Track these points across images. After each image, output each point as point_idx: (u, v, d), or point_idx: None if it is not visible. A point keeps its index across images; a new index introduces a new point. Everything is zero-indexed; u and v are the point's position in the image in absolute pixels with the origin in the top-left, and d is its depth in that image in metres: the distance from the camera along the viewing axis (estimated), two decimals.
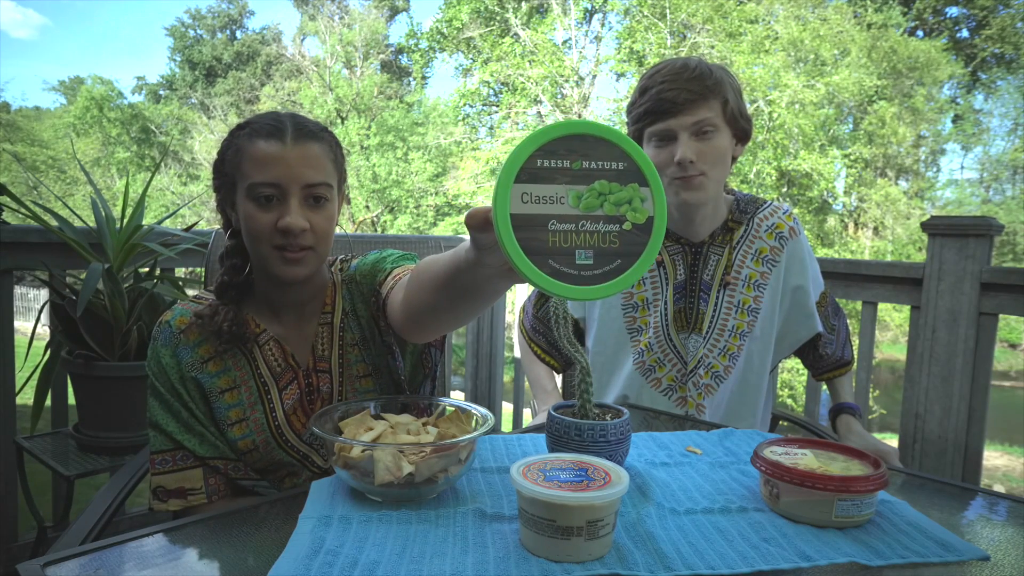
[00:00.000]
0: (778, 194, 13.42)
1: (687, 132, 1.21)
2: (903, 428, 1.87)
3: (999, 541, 0.72)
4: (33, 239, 1.80)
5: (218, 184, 0.96)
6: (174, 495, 0.94)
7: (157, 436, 0.95)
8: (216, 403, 0.95)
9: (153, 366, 0.95)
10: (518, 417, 2.83)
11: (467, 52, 16.73)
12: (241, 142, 0.91)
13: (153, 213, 15.81)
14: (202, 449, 0.95)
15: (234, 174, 0.92)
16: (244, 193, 0.90)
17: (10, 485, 1.83)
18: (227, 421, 0.95)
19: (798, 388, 10.68)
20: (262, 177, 0.88)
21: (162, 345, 0.95)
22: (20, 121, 23.24)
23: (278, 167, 0.88)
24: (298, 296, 0.98)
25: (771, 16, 14.21)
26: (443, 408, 0.86)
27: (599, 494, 0.61)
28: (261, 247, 0.90)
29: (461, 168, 15.40)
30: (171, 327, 0.95)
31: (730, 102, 1.23)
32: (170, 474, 0.94)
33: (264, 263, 0.92)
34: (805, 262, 1.35)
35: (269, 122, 0.91)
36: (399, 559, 0.61)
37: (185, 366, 0.94)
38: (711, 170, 1.24)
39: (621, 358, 1.36)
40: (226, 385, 0.95)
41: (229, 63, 24.89)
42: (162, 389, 0.95)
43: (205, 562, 0.63)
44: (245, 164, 0.89)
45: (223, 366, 0.95)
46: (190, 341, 0.95)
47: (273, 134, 0.89)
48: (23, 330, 2.94)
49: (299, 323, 1.00)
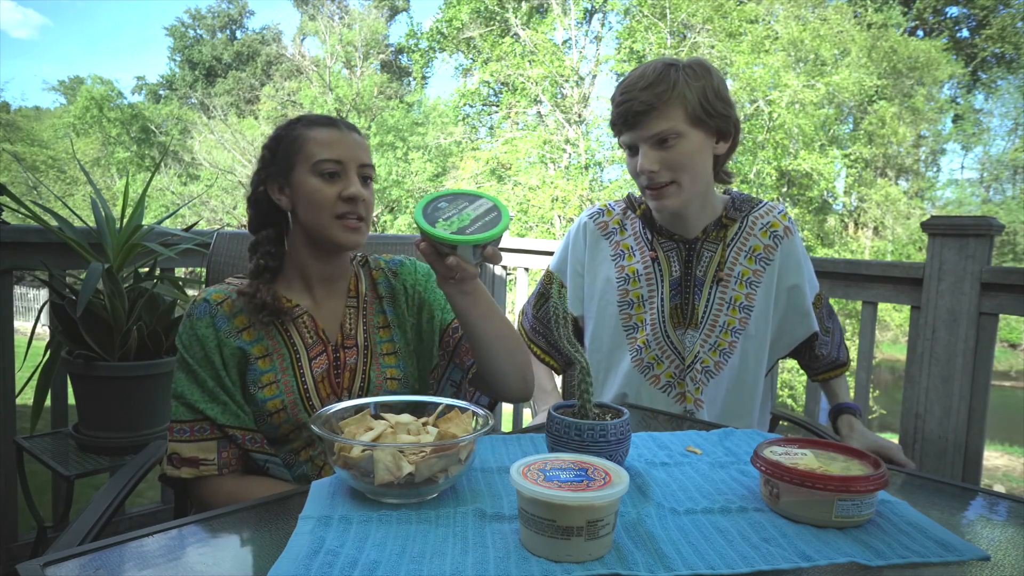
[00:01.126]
0: (778, 194, 13.43)
1: (647, 144, 1.21)
2: (903, 428, 1.87)
3: (999, 541, 0.72)
4: (33, 239, 1.80)
5: (266, 174, 1.06)
6: (187, 463, 0.98)
7: (179, 407, 1.00)
8: (251, 367, 1.02)
9: (185, 339, 1.01)
10: (518, 417, 2.83)
11: (467, 52, 16.74)
12: (298, 131, 1.05)
13: (153, 213, 15.82)
14: (223, 417, 1.00)
15: (292, 157, 1.03)
16: (308, 171, 1.02)
17: (10, 485, 1.83)
18: (259, 384, 1.02)
19: (798, 388, 10.68)
20: (327, 155, 1.02)
21: (198, 317, 1.02)
22: (20, 121, 23.26)
23: (339, 147, 1.03)
24: (333, 271, 1.09)
25: (771, 16, 14.22)
26: (443, 408, 0.86)
27: (599, 494, 0.61)
28: (323, 217, 1.02)
29: (461, 168, 15.40)
30: (208, 302, 1.03)
31: (696, 103, 1.19)
32: (186, 443, 0.99)
33: (324, 232, 1.03)
34: (800, 262, 1.35)
35: (320, 116, 1.07)
36: (399, 559, 0.61)
37: (223, 333, 1.01)
38: (680, 176, 1.23)
39: (618, 355, 1.36)
40: (260, 353, 1.03)
41: (229, 63, 24.90)
42: (191, 360, 1.00)
43: (205, 562, 0.63)
44: (308, 146, 1.03)
45: (257, 336, 1.03)
46: (227, 312, 1.03)
47: (328, 124, 1.06)
48: (23, 330, 2.94)
49: (328, 300, 1.10)
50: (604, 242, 1.40)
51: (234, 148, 18.11)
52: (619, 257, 1.37)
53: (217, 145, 18.27)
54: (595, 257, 1.40)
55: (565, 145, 14.70)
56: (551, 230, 13.30)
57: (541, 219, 13.48)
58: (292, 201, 1.05)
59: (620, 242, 1.38)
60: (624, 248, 1.38)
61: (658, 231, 1.35)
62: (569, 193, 13.04)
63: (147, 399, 1.72)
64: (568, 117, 14.78)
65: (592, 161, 14.57)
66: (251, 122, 19.90)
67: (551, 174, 14.06)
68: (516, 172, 14.47)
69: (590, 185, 13.67)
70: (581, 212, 1.79)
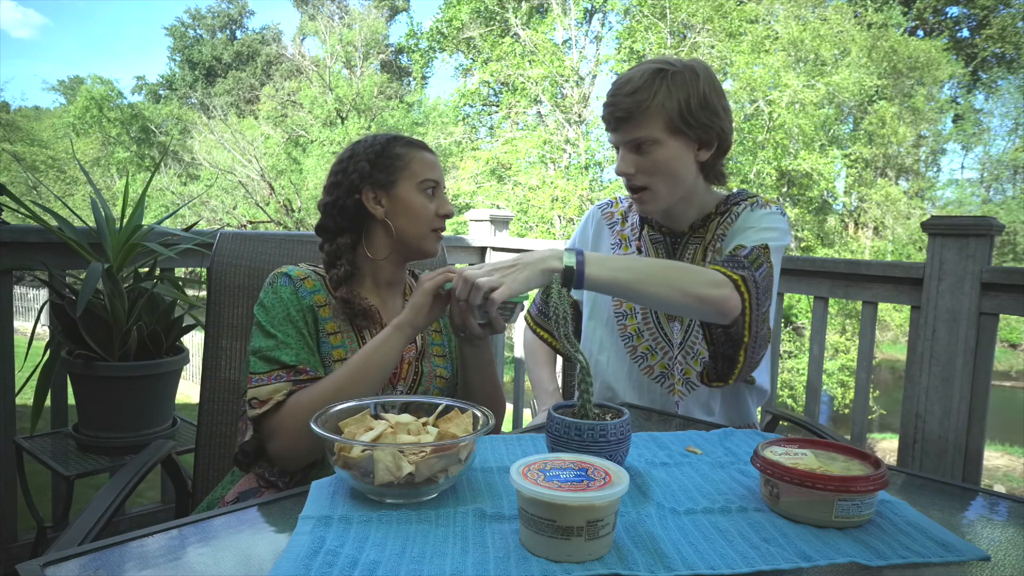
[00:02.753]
0: (778, 194, 13.42)
1: (625, 148, 1.25)
2: (903, 428, 1.87)
3: (999, 541, 0.72)
4: (33, 239, 1.80)
5: (365, 183, 1.15)
6: (263, 404, 1.03)
7: (256, 361, 1.06)
8: (323, 339, 1.11)
9: (267, 301, 1.09)
10: (518, 417, 2.83)
11: (467, 52, 16.72)
12: (400, 150, 1.17)
13: (153, 213, 15.81)
14: (297, 359, 1.06)
15: (396, 173, 1.15)
16: (414, 187, 1.15)
17: (10, 485, 1.83)
18: (331, 357, 1.10)
19: (798, 388, 10.67)
20: (431, 175, 1.16)
21: (282, 285, 1.10)
22: (20, 121, 23.25)
23: (437, 170, 1.18)
24: (399, 276, 1.22)
25: (771, 16, 14.21)
26: (443, 408, 0.86)
27: (599, 494, 0.61)
28: (422, 228, 1.16)
29: (461, 168, 15.38)
30: (291, 276, 1.12)
31: (670, 115, 1.20)
32: (263, 387, 1.04)
33: (420, 241, 1.17)
34: (752, 227, 1.26)
35: (415, 139, 1.21)
36: (399, 559, 0.61)
37: (304, 300, 1.10)
38: (653, 182, 1.25)
39: (609, 340, 1.39)
40: (332, 330, 1.12)
41: (229, 63, 24.90)
42: (268, 321, 1.07)
43: (205, 562, 0.63)
44: (414, 164, 1.16)
45: (331, 314, 1.13)
46: (308, 288, 1.12)
47: (425, 148, 1.19)
48: (23, 330, 2.95)
49: (391, 299, 1.22)
50: (607, 231, 1.46)
51: (234, 148, 18.10)
52: (617, 246, 1.43)
53: (217, 145, 18.25)
54: (598, 245, 1.47)
55: (565, 145, 14.70)
56: (551, 230, 13.28)
57: (541, 219, 13.47)
58: (388, 210, 1.15)
59: (620, 232, 1.44)
60: (622, 238, 1.44)
61: (649, 223, 1.40)
62: (569, 193, 13.02)
63: (147, 399, 1.72)
64: (568, 117, 14.77)
65: (592, 161, 14.56)
66: (251, 122, 19.88)
67: (551, 174, 14.05)
68: (516, 172, 14.47)
69: (590, 185, 13.65)
70: (581, 212, 1.82)
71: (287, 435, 1.00)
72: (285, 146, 18.82)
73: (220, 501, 1.09)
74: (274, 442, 1.01)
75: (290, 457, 1.02)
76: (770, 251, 1.21)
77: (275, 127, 19.32)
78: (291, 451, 1.01)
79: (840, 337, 11.28)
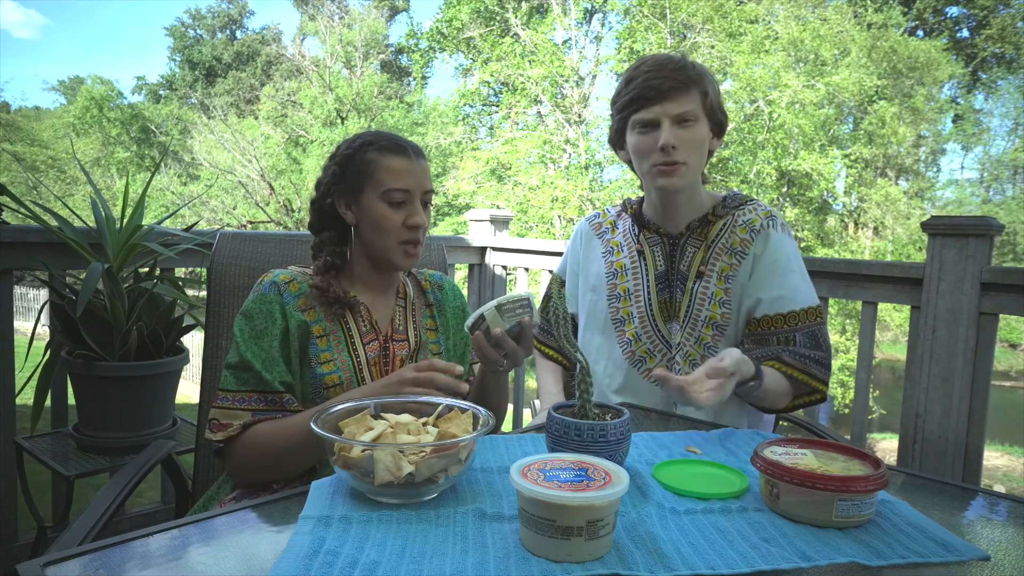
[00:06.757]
0: (778, 194, 13.41)
1: (669, 119, 1.27)
2: (903, 428, 1.87)
3: (999, 541, 0.72)
4: (33, 239, 1.80)
5: (335, 188, 1.13)
6: (221, 428, 1.03)
7: (227, 376, 1.05)
8: (311, 342, 1.09)
9: (251, 308, 1.07)
10: (518, 417, 2.83)
11: (467, 52, 16.71)
12: (371, 155, 1.10)
13: (153, 213, 15.79)
14: (269, 375, 1.04)
15: (363, 180, 1.10)
16: (378, 196, 1.10)
17: (10, 485, 1.83)
18: (319, 360, 1.08)
19: None
20: (397, 184, 1.09)
21: (265, 292, 1.08)
22: (20, 121, 23.24)
23: (408, 177, 1.10)
24: (387, 279, 1.19)
25: (771, 16, 14.20)
26: (443, 408, 0.86)
27: (599, 494, 0.61)
28: (388, 240, 1.11)
29: (461, 168, 15.36)
30: (275, 281, 1.10)
31: (709, 95, 1.29)
32: (225, 409, 1.03)
33: (387, 253, 1.12)
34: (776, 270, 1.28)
35: (392, 141, 1.12)
36: (399, 559, 0.61)
37: (289, 308, 1.08)
38: (690, 158, 1.29)
39: (607, 347, 1.40)
40: (319, 332, 1.10)
41: (229, 63, 24.90)
42: (250, 331, 1.05)
43: (205, 562, 0.63)
44: (380, 173, 1.09)
45: (317, 316, 1.10)
46: (293, 291, 1.10)
47: (400, 152, 1.11)
48: (23, 330, 2.94)
49: (382, 297, 1.19)
50: (597, 240, 1.48)
51: (234, 148, 18.09)
52: (609, 253, 1.44)
53: (217, 145, 18.24)
54: (588, 255, 1.48)
55: (565, 145, 14.69)
56: (551, 230, 13.27)
57: (541, 219, 13.46)
58: (358, 219, 1.13)
59: (611, 240, 1.46)
60: (614, 245, 1.45)
61: (645, 225, 1.40)
62: (569, 193, 13.01)
63: (147, 399, 1.72)
64: (568, 117, 14.76)
65: (592, 161, 14.55)
66: (251, 122, 19.87)
67: (551, 174, 14.03)
68: (516, 172, 14.45)
69: (590, 185, 13.64)
70: (581, 212, 1.83)
71: (239, 461, 1.03)
72: (285, 146, 18.81)
73: (217, 501, 1.09)
74: (228, 463, 1.05)
75: (241, 479, 1.06)
76: (820, 307, 1.32)
77: (275, 127, 19.31)
78: (241, 476, 1.05)
79: (840, 337, 11.27)
